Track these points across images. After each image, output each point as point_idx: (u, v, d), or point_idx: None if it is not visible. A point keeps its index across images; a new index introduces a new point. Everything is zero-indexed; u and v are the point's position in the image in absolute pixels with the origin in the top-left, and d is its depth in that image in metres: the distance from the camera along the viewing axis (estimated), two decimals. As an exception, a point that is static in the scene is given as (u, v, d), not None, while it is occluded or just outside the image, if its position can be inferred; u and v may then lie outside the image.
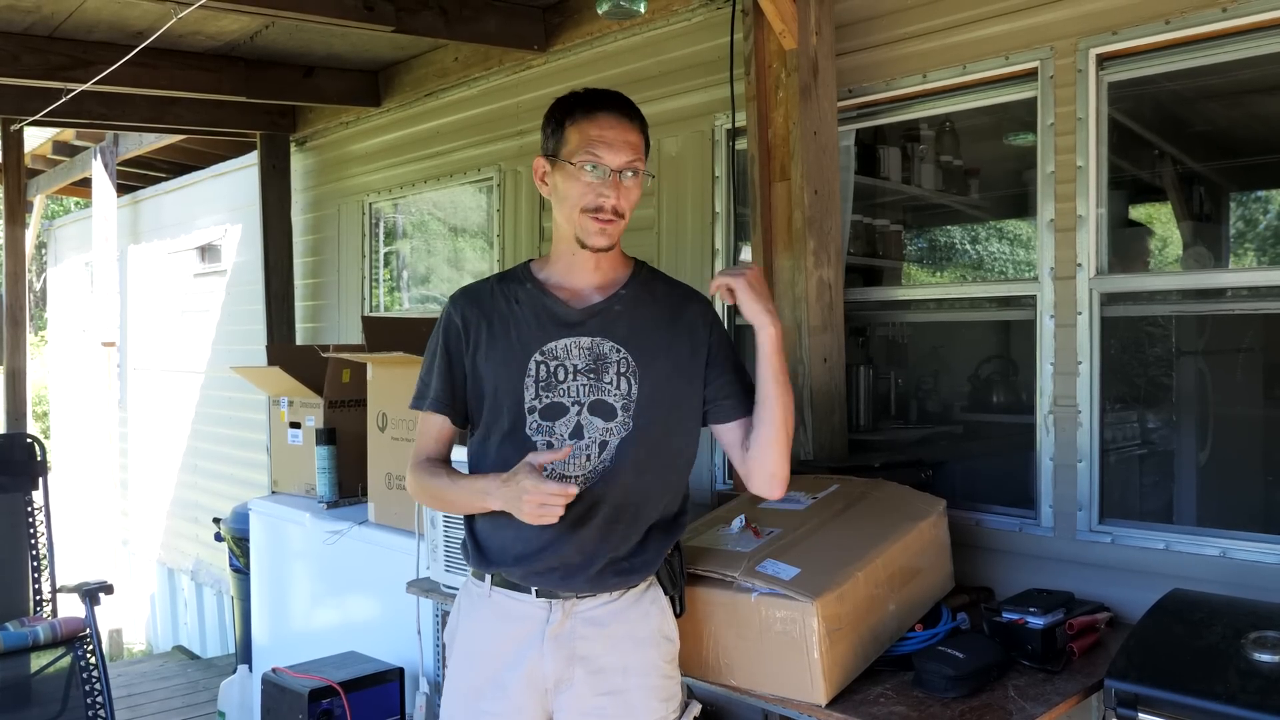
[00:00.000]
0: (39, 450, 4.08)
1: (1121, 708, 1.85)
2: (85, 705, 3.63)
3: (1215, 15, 2.41)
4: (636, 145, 1.88)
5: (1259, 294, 2.61)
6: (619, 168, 1.85)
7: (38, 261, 13.67)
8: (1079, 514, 2.65)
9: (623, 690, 1.89)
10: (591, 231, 1.87)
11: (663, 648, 1.96)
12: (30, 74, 4.44)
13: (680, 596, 2.04)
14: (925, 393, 4.20)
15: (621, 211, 1.88)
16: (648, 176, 1.92)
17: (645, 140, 1.92)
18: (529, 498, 1.73)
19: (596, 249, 1.89)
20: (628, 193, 1.88)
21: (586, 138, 1.85)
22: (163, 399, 7.75)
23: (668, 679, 1.96)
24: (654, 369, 1.91)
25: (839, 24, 3.05)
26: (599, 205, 1.85)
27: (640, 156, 1.89)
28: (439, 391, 1.96)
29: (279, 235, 5.81)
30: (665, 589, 1.99)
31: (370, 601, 3.68)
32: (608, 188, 1.85)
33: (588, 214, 1.86)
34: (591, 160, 1.84)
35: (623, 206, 1.87)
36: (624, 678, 1.90)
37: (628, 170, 1.86)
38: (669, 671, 1.96)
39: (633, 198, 1.89)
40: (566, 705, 1.89)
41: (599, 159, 1.84)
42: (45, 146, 7.79)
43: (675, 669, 1.99)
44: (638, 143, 1.89)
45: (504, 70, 4.45)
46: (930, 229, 5.50)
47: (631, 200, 1.89)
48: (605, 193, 1.85)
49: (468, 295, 2.00)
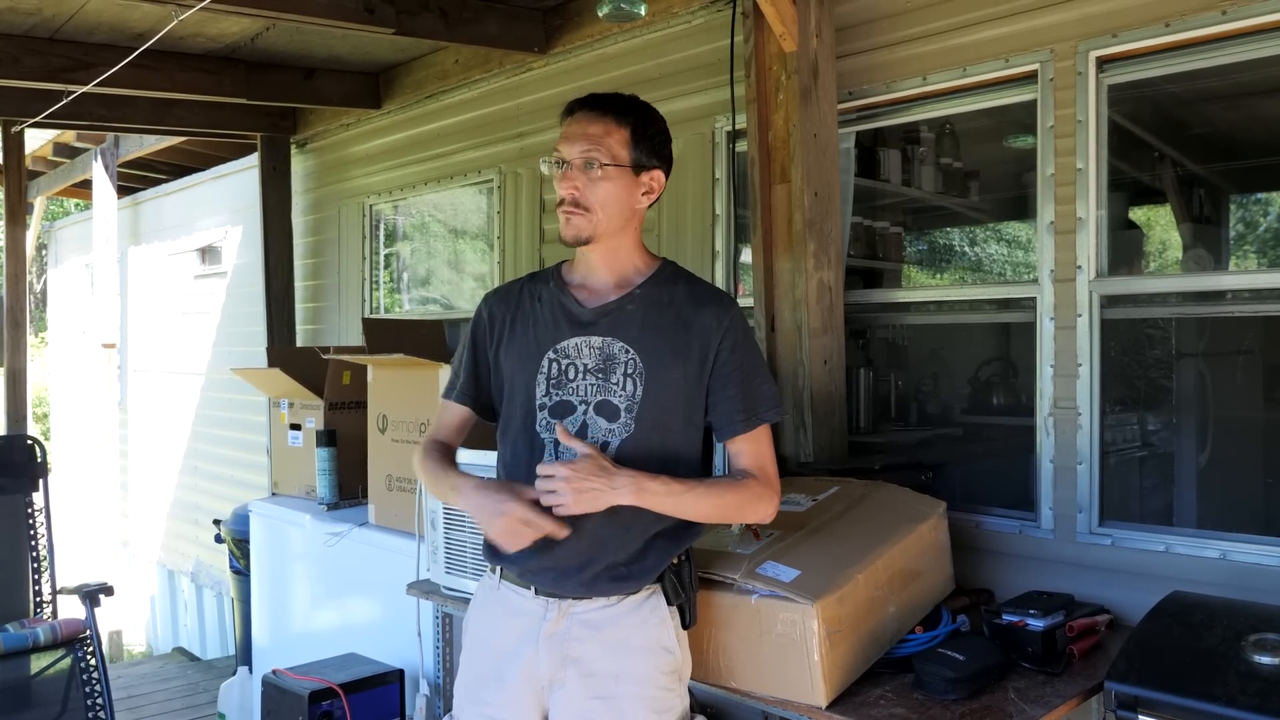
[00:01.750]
0: (39, 452, 4.08)
1: (1121, 710, 1.85)
2: (85, 707, 3.63)
3: (1215, 18, 2.41)
4: (597, 136, 1.87)
5: (1259, 296, 2.62)
6: (572, 159, 1.87)
7: (38, 263, 13.67)
8: (1079, 516, 2.65)
9: (614, 697, 1.86)
10: (561, 224, 1.91)
11: (660, 658, 1.90)
12: (31, 76, 4.44)
13: (689, 607, 1.97)
14: (925, 395, 4.20)
15: (581, 204, 1.87)
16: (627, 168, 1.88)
17: (633, 132, 1.89)
18: (507, 520, 1.78)
19: (564, 242, 1.92)
20: (591, 185, 1.87)
21: (559, 137, 1.92)
22: (163, 401, 7.75)
23: (664, 690, 1.90)
24: (661, 372, 1.89)
25: (839, 26, 3.05)
26: (560, 198, 1.89)
27: (599, 147, 1.86)
28: (464, 383, 2.04)
29: (279, 237, 5.81)
30: (669, 598, 1.93)
31: (370, 603, 3.68)
32: (562, 179, 1.88)
33: (558, 209, 1.90)
34: (556, 157, 1.90)
35: (584, 199, 1.87)
36: (616, 684, 1.86)
37: (583, 162, 1.86)
38: (666, 683, 1.90)
39: (600, 190, 1.87)
40: (559, 705, 1.89)
41: (559, 153, 1.90)
42: (46, 148, 7.79)
43: (675, 681, 1.93)
44: (600, 133, 1.87)
45: (504, 72, 4.45)
46: (930, 231, 5.51)
47: (598, 193, 1.87)
48: (562, 184, 1.88)
49: (498, 293, 2.06)
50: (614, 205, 1.89)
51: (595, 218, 1.88)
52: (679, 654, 1.94)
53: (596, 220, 1.88)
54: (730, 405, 1.91)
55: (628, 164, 1.89)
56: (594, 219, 1.88)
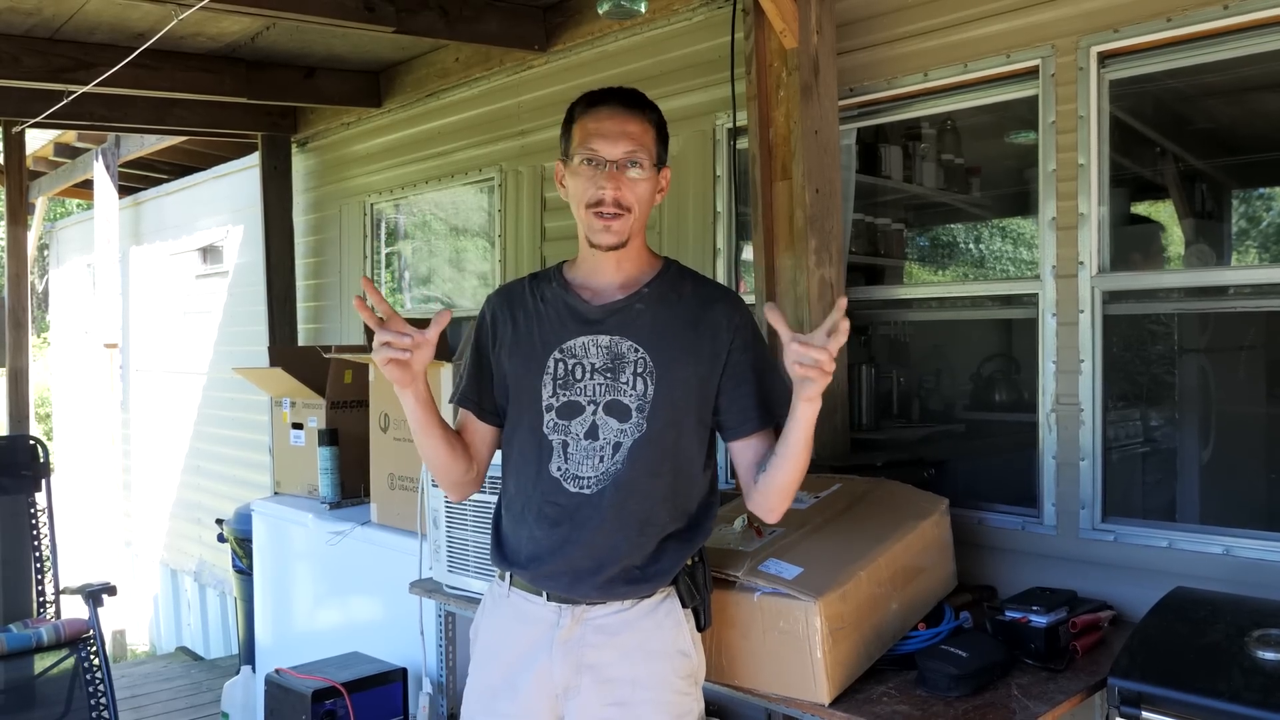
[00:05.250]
0: (42, 452, 4.08)
1: (1125, 706, 1.85)
2: (89, 706, 3.63)
3: (1216, 12, 2.40)
4: (637, 135, 1.83)
5: (1261, 291, 2.61)
6: (616, 159, 1.81)
7: (40, 263, 13.67)
8: (1082, 512, 2.64)
9: (631, 703, 1.83)
10: (596, 229, 1.84)
11: (676, 662, 1.87)
12: (32, 76, 4.44)
13: (704, 609, 1.95)
14: (927, 392, 4.20)
15: (626, 204, 1.82)
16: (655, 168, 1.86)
17: (658, 131, 1.87)
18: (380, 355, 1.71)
19: (604, 247, 1.85)
20: (632, 185, 1.82)
21: (586, 133, 1.84)
22: (165, 400, 7.76)
23: (681, 695, 1.87)
24: (672, 370, 1.86)
25: (840, 23, 3.04)
26: (599, 199, 1.82)
27: (641, 147, 1.83)
28: (467, 388, 1.99)
29: (280, 236, 5.81)
30: (684, 601, 1.90)
31: (373, 602, 3.68)
32: (605, 179, 1.81)
33: (591, 210, 1.83)
34: (588, 154, 1.83)
35: (627, 199, 1.82)
36: (633, 690, 1.83)
37: (627, 161, 1.82)
38: (683, 688, 1.88)
39: (639, 190, 1.83)
40: (575, 713, 1.85)
41: (595, 152, 1.82)
42: (47, 148, 7.79)
43: (692, 685, 1.90)
44: (639, 133, 1.83)
45: (505, 70, 4.45)
46: (932, 228, 5.50)
47: (637, 193, 1.83)
48: (603, 185, 1.81)
49: (501, 293, 2.01)
50: (647, 205, 1.87)
51: (633, 218, 1.84)
52: (695, 657, 1.92)
53: (634, 221, 1.85)
54: (746, 403, 1.89)
55: (656, 163, 1.87)
56: (631, 221, 1.84)
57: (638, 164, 1.83)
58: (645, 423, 1.84)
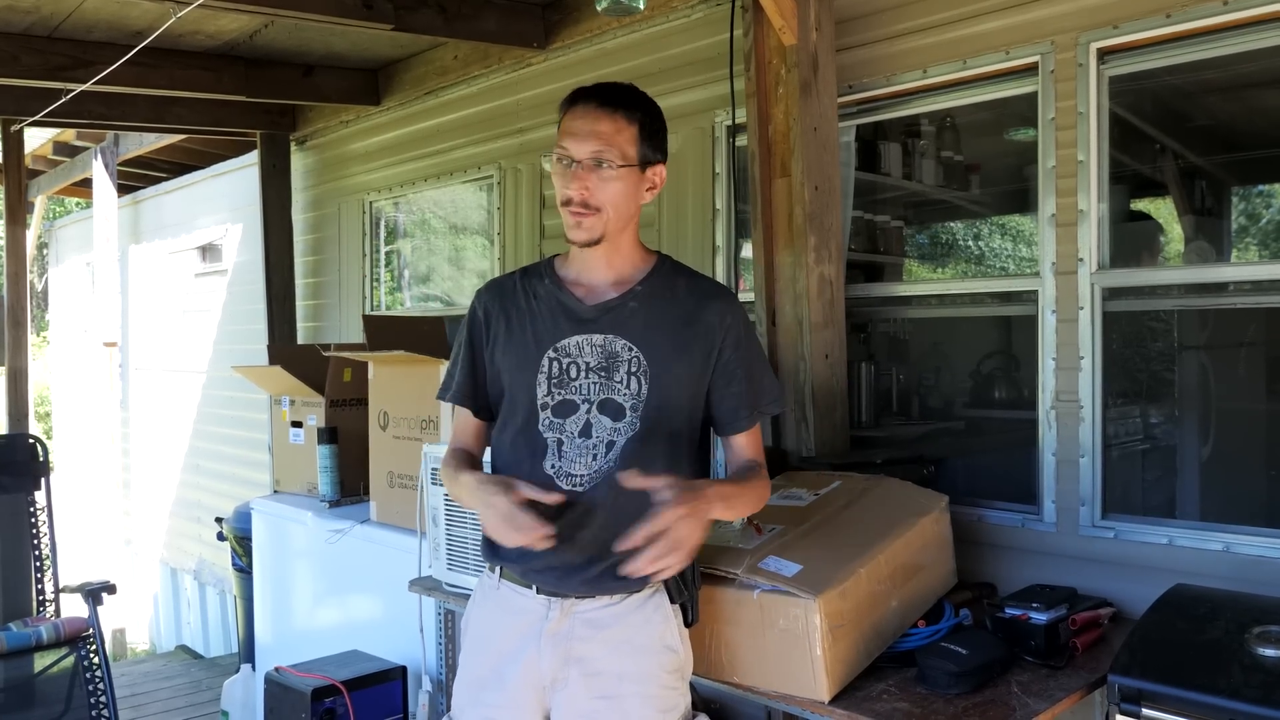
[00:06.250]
0: (41, 451, 4.08)
1: (1125, 703, 1.85)
2: (89, 705, 3.63)
3: (1216, 9, 2.40)
4: (607, 135, 1.80)
5: (1261, 288, 2.61)
6: (582, 158, 1.81)
7: (39, 262, 13.66)
8: (1081, 509, 2.64)
9: (618, 696, 1.84)
10: (568, 225, 1.85)
11: (663, 657, 1.89)
12: (30, 74, 4.44)
13: (692, 605, 1.96)
14: (927, 389, 4.19)
15: (593, 204, 1.81)
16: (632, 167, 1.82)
17: (641, 129, 1.84)
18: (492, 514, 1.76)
19: (576, 243, 1.86)
20: (601, 184, 1.81)
21: (561, 131, 1.85)
22: (164, 399, 7.76)
23: (668, 689, 1.88)
24: (666, 369, 1.87)
25: (839, 19, 3.04)
26: (567, 197, 1.83)
27: (610, 146, 1.80)
28: (460, 384, 1.99)
29: (280, 234, 5.81)
30: (671, 596, 1.91)
31: (373, 600, 3.68)
32: (573, 178, 1.81)
33: (565, 208, 1.84)
34: (560, 153, 1.84)
35: (594, 199, 1.81)
36: (620, 683, 1.85)
37: (594, 161, 1.80)
38: (670, 682, 1.89)
39: (610, 190, 1.82)
40: (562, 705, 1.87)
41: (565, 151, 1.83)
42: (46, 147, 7.79)
43: (679, 680, 1.92)
44: (610, 132, 1.81)
45: (504, 68, 4.45)
46: (931, 224, 5.50)
47: (608, 192, 1.81)
48: (570, 184, 1.82)
49: (491, 289, 2.02)
50: (623, 204, 1.85)
51: (605, 218, 1.83)
52: (682, 652, 1.93)
53: (607, 220, 1.83)
54: (736, 401, 1.91)
55: (636, 162, 1.84)
56: (604, 219, 1.83)
57: (607, 163, 1.81)
58: (639, 421, 1.85)
